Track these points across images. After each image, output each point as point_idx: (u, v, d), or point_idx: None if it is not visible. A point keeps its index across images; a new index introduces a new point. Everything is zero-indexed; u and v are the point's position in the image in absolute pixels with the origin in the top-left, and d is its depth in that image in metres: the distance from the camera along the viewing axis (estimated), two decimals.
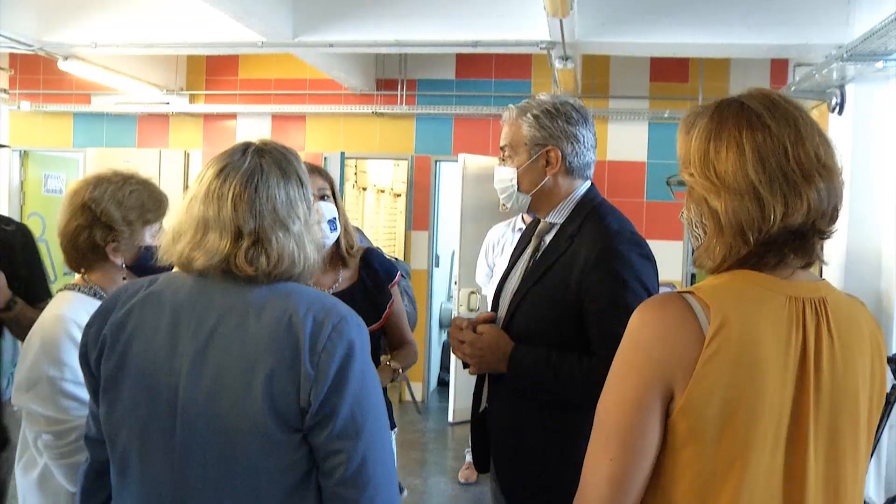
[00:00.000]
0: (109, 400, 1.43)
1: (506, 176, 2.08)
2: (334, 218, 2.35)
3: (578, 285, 1.89)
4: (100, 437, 1.48)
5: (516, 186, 2.07)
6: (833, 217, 1.24)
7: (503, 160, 2.11)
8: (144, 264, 1.95)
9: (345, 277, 2.43)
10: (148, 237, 1.96)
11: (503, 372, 1.98)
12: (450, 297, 7.64)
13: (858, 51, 4.02)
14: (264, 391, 1.32)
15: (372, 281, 2.45)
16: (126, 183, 1.95)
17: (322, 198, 2.36)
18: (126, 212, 1.92)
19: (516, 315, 2.01)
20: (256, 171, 1.43)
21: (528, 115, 2.05)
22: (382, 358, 2.51)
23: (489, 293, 4.90)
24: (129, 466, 1.42)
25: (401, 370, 2.45)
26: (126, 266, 1.96)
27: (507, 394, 2.04)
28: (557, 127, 2.03)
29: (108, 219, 1.91)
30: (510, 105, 2.11)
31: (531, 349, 1.94)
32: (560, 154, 2.03)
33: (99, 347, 1.44)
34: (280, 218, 1.42)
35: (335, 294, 2.34)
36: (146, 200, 1.95)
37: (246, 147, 1.47)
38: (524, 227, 4.60)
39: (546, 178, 2.04)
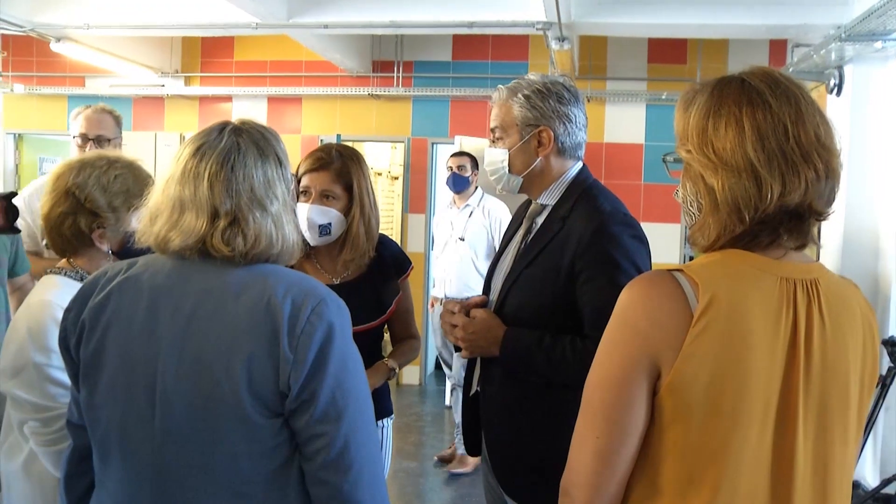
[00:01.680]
0: (89, 385, 1.42)
1: (497, 157, 2.05)
2: (328, 224, 2.28)
3: (571, 267, 1.88)
4: (81, 423, 1.47)
5: (507, 168, 2.04)
6: (830, 199, 1.23)
7: (494, 142, 2.08)
8: (132, 250, 1.91)
9: (353, 267, 2.38)
10: (134, 222, 1.89)
11: (495, 355, 1.97)
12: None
13: (857, 31, 3.99)
14: (243, 375, 1.30)
15: (381, 274, 2.40)
16: (111, 167, 1.89)
17: (326, 197, 2.29)
18: (111, 197, 1.87)
19: (508, 297, 2.00)
20: (233, 149, 1.40)
21: (519, 95, 2.02)
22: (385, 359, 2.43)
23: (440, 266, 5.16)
24: (110, 451, 1.41)
25: (397, 368, 2.39)
26: (112, 252, 1.91)
27: (499, 376, 2.03)
28: (549, 107, 2.01)
29: (92, 205, 1.86)
30: (500, 86, 2.08)
31: (523, 332, 1.93)
32: (552, 134, 2.01)
33: (78, 332, 1.43)
34: (257, 197, 1.40)
35: (341, 284, 2.33)
36: (132, 185, 1.89)
37: (223, 126, 1.45)
38: (451, 206, 5.10)
39: (538, 159, 2.02)
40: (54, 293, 1.83)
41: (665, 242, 6.38)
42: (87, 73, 7.25)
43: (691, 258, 6.57)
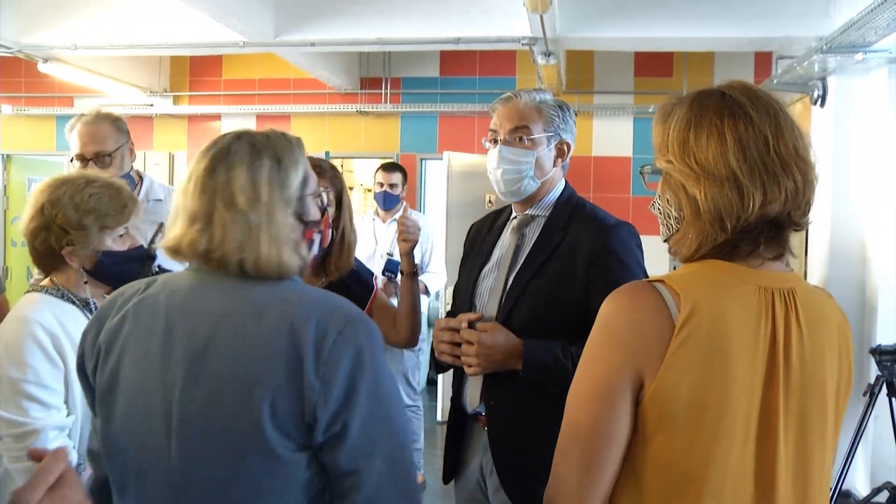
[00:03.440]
0: (105, 413, 1.32)
1: (522, 157, 2.04)
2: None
3: (585, 275, 1.92)
4: (98, 452, 1.40)
5: (532, 170, 2.04)
6: (806, 210, 1.25)
7: (515, 142, 2.05)
8: (103, 270, 1.92)
9: (335, 277, 2.34)
10: (109, 242, 1.91)
11: (515, 368, 1.93)
12: (438, 297, 7.61)
13: (838, 43, 4.03)
14: (266, 406, 1.19)
15: (357, 282, 2.39)
16: (88, 185, 1.91)
17: None
18: (81, 216, 1.88)
19: (516, 309, 1.99)
20: (222, 152, 1.32)
21: (549, 102, 2.07)
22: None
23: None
24: (127, 485, 1.31)
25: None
26: (86, 270, 1.93)
27: (508, 390, 1.99)
28: (570, 122, 2.11)
29: (63, 221, 1.87)
30: (518, 90, 2.10)
31: (543, 343, 1.92)
32: (569, 148, 2.10)
33: (95, 356, 1.34)
34: (232, 197, 1.29)
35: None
36: (105, 205, 1.90)
37: (237, 136, 1.37)
38: (374, 218, 4.90)
39: (554, 169, 2.09)
40: (32, 310, 1.86)
41: (655, 255, 6.38)
42: (75, 93, 7.25)
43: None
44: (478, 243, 2.24)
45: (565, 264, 1.95)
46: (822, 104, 4.75)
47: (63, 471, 1.00)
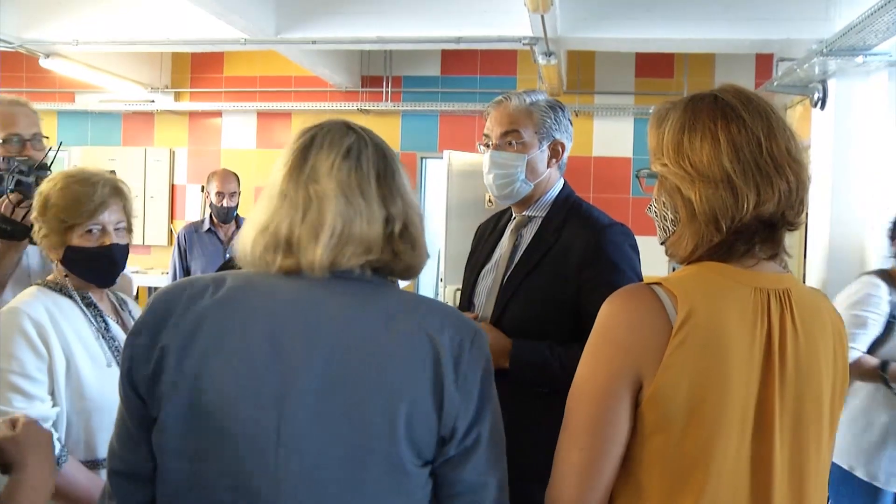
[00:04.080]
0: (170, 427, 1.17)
1: (511, 161, 2.05)
2: None
3: (577, 276, 1.92)
4: (132, 472, 1.22)
5: (524, 173, 2.05)
6: (800, 210, 1.27)
7: (505, 146, 2.06)
8: (69, 264, 1.95)
9: None
10: (74, 237, 1.93)
11: (503, 367, 1.94)
12: (437, 295, 7.63)
13: (838, 46, 4.04)
14: (402, 419, 1.12)
15: None
16: (65, 179, 1.95)
17: None
18: (47, 208, 1.93)
19: (509, 309, 2.00)
20: (385, 153, 1.26)
21: (541, 104, 2.07)
22: None
23: None
24: None
25: None
26: (61, 262, 1.97)
27: (503, 389, 1.98)
28: (563, 122, 2.10)
29: (37, 213, 1.95)
30: (510, 92, 2.11)
31: (531, 343, 1.93)
32: (563, 148, 2.09)
33: (154, 364, 1.16)
34: (413, 204, 1.25)
35: None
36: (68, 200, 1.93)
37: (348, 126, 1.29)
38: None
39: (548, 170, 2.08)
40: (23, 301, 1.89)
41: (654, 255, 6.38)
42: (76, 88, 7.25)
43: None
44: (481, 244, 2.25)
45: (558, 264, 1.96)
46: (823, 107, 4.76)
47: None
